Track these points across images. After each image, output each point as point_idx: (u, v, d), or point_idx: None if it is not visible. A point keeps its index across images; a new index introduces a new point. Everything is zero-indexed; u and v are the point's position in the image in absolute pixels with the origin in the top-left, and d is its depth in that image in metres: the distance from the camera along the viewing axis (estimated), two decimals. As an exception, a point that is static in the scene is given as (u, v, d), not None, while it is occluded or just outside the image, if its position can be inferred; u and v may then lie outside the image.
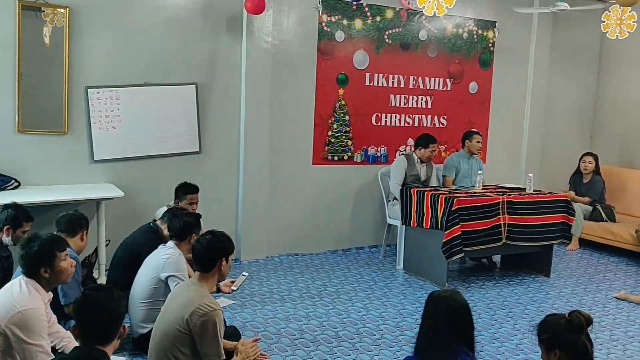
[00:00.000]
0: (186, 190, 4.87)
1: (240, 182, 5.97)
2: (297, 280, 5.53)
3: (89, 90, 5.17)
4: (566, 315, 2.36)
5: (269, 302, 4.92)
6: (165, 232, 4.13)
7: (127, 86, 5.34)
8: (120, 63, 5.31)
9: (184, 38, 5.56)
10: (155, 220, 4.36)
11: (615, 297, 5.35)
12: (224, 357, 2.92)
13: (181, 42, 5.55)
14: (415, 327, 3.15)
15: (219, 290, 4.00)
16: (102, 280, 4.81)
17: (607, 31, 6.27)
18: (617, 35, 6.15)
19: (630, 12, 5.76)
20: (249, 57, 5.80)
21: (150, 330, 3.09)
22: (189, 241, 3.78)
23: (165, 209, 4.64)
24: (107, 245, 4.94)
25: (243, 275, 4.23)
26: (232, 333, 3.57)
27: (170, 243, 3.83)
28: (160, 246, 3.89)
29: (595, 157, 7.28)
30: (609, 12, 6.19)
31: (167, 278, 3.64)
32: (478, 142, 6.39)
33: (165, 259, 3.68)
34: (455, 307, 2.53)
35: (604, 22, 6.19)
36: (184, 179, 5.01)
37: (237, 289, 4.05)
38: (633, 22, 5.85)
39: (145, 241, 4.15)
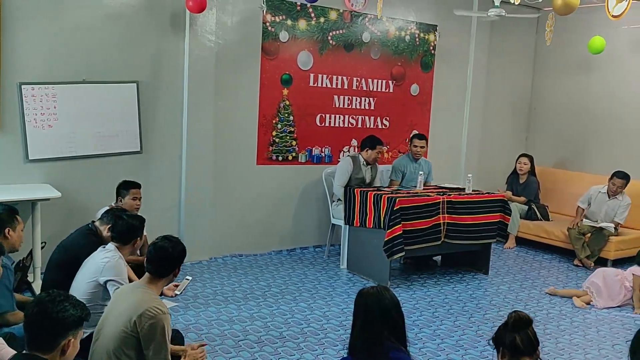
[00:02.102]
0: (129, 185, 4.79)
1: (182, 182, 5.89)
2: (241, 281, 5.50)
3: (22, 86, 4.97)
4: None
5: (213, 303, 4.87)
6: (105, 233, 4.03)
7: (65, 83, 5.17)
8: (58, 59, 5.14)
9: (125, 35, 5.43)
10: (94, 221, 4.24)
11: (547, 293, 5.58)
12: (171, 360, 2.88)
13: (122, 39, 5.42)
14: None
15: (161, 293, 3.94)
16: (37, 284, 4.64)
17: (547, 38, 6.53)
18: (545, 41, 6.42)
19: (554, 18, 6.04)
20: (192, 55, 5.72)
21: (90, 335, 3.00)
22: (133, 244, 3.71)
23: (107, 209, 4.52)
24: (42, 247, 4.78)
25: (187, 279, 4.17)
26: (175, 336, 3.49)
27: (111, 245, 3.72)
28: (99, 248, 3.78)
29: (531, 158, 7.56)
30: (547, 19, 6.44)
31: (105, 282, 3.55)
32: (415, 146, 6.50)
33: (104, 263, 3.58)
34: (385, 304, 2.55)
35: (546, 30, 6.44)
36: (124, 179, 4.90)
37: (181, 293, 4.00)
38: (553, 27, 6.14)
39: (84, 243, 4.02)
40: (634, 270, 5.30)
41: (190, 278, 4.23)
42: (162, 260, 2.92)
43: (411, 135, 6.63)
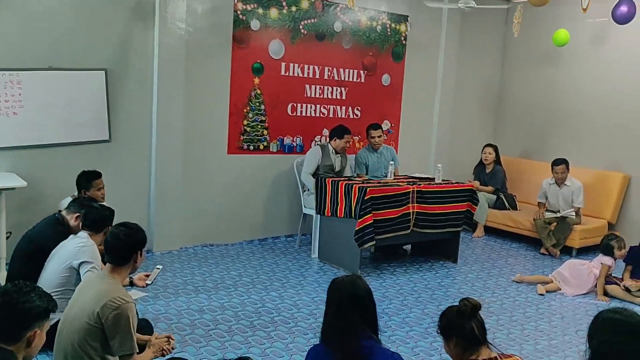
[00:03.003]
0: (91, 176, 4.70)
1: (152, 171, 5.83)
2: (212, 270, 5.48)
3: (-14, 73, 4.86)
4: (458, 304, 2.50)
5: (183, 293, 4.85)
6: (72, 222, 3.99)
7: (30, 70, 5.06)
8: (22, 45, 5.02)
9: (93, 21, 5.33)
10: (60, 211, 4.17)
11: (514, 281, 5.70)
12: (137, 351, 2.86)
13: (89, 25, 5.32)
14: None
15: (132, 284, 3.92)
16: (2, 275, 4.56)
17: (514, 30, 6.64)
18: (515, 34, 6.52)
19: (522, 10, 6.17)
20: (162, 43, 5.65)
21: (56, 324, 2.96)
22: (104, 233, 3.69)
23: (69, 199, 4.45)
24: (7, 237, 4.69)
25: (157, 268, 4.14)
26: (144, 326, 3.49)
27: (83, 233, 3.72)
28: (71, 236, 3.78)
29: (495, 148, 7.68)
30: (517, 12, 6.53)
31: (80, 265, 3.53)
32: (372, 137, 6.51)
33: (79, 247, 3.60)
34: (358, 293, 2.57)
35: (514, 22, 6.53)
36: (92, 168, 4.81)
37: (152, 282, 3.98)
38: (520, 20, 6.27)
39: (50, 233, 3.97)
40: (602, 259, 5.45)
41: (160, 267, 4.20)
42: (119, 249, 2.89)
43: (366, 127, 6.64)
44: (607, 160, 7.29)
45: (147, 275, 4.03)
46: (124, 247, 2.89)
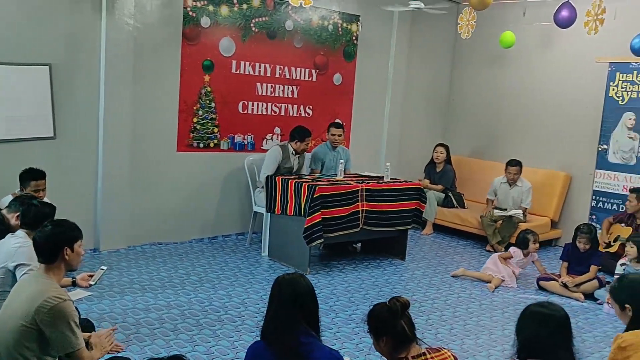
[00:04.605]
0: (31, 176, 4.58)
1: (99, 169, 5.73)
2: (160, 269, 5.44)
3: None
4: (387, 303, 2.51)
5: (129, 292, 4.80)
6: (13, 222, 3.88)
7: (-31, 64, 4.91)
8: (-39, 38, 4.87)
9: (37, 14, 5.20)
10: (0, 210, 4.07)
11: (452, 275, 5.84)
12: (83, 346, 2.80)
13: (34, 18, 5.18)
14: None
15: (75, 284, 3.86)
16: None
17: (461, 31, 6.82)
18: (466, 36, 6.68)
19: (473, 12, 6.31)
20: (109, 39, 5.56)
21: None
22: None
23: (10, 197, 4.34)
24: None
25: (102, 269, 4.08)
26: (86, 325, 3.44)
27: (21, 232, 3.61)
28: (8, 235, 3.66)
29: (447, 148, 7.85)
30: (462, 14, 6.69)
31: (15, 267, 3.44)
32: (332, 134, 6.59)
33: (16, 248, 3.48)
34: (300, 291, 2.61)
35: (460, 23, 6.68)
36: (35, 166, 4.70)
37: (95, 283, 3.91)
38: (474, 22, 6.42)
39: (-10, 233, 3.87)
40: (510, 249, 5.90)
41: (105, 268, 4.13)
42: (44, 246, 2.83)
43: (328, 124, 6.72)
44: (550, 160, 7.54)
45: (91, 275, 3.97)
46: (48, 244, 2.82)
